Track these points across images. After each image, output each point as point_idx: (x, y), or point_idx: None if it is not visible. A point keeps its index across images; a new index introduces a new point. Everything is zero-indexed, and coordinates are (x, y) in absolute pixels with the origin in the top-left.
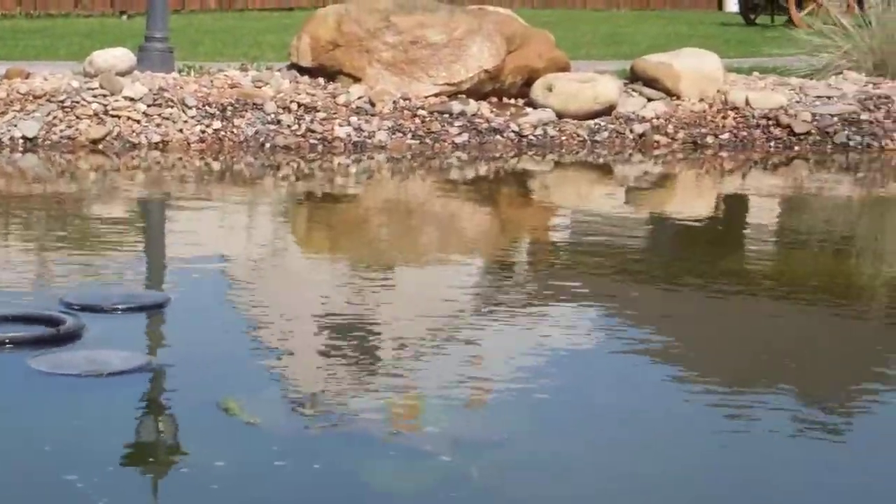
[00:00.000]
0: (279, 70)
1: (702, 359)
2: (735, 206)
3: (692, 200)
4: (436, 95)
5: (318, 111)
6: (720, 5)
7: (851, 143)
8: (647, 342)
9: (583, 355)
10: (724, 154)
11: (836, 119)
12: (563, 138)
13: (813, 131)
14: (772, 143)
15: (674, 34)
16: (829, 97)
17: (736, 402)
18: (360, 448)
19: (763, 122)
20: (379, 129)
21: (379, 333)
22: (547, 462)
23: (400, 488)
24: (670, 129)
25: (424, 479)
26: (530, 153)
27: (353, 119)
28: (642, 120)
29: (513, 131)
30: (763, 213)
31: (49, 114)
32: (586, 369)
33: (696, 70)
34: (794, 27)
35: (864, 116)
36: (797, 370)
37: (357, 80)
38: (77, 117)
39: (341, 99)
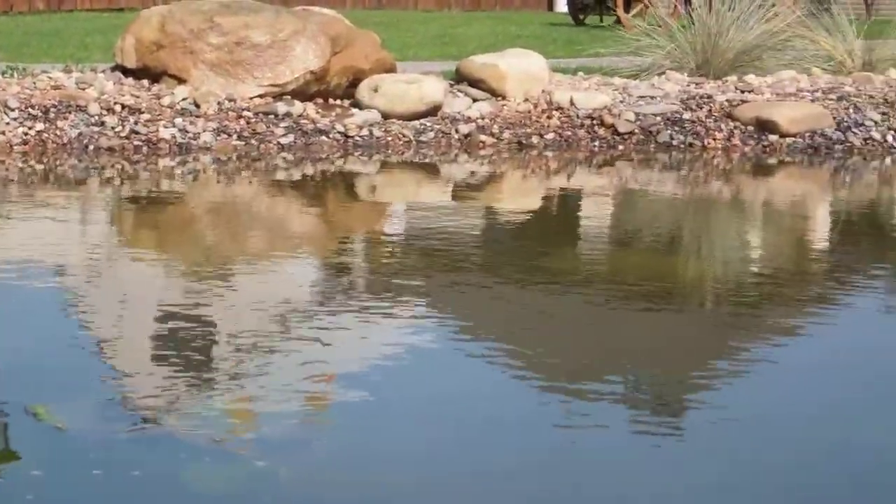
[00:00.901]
0: (103, 71)
1: (533, 356)
2: (561, 205)
3: (518, 200)
4: (261, 97)
5: (143, 113)
6: (550, 6)
7: (674, 142)
8: (477, 340)
9: (413, 355)
10: (548, 154)
11: (659, 118)
12: (389, 139)
13: (636, 131)
14: (596, 143)
15: (503, 34)
16: (652, 97)
17: (568, 397)
18: (177, 453)
19: (587, 121)
20: (204, 131)
21: (203, 336)
22: (364, 461)
23: (212, 490)
24: (496, 129)
25: (236, 482)
26: (356, 154)
27: (178, 120)
28: (468, 120)
29: (339, 132)
30: (588, 211)
31: None
32: (416, 369)
33: (522, 70)
34: (622, 28)
35: (686, 116)
36: (629, 365)
37: (182, 81)
38: None
39: (166, 100)
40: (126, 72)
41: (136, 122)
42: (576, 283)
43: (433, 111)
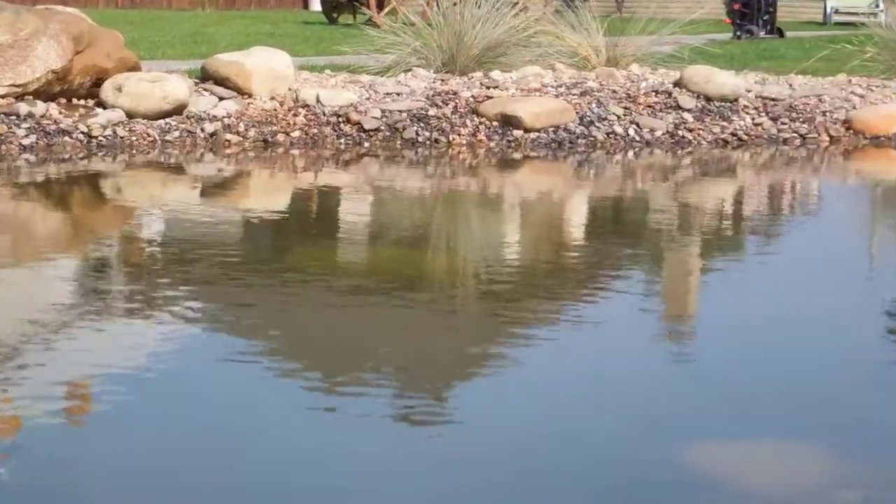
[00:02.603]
0: None
1: (293, 355)
2: (305, 203)
3: (262, 199)
4: (2, 97)
5: None
6: (306, 5)
7: (420, 139)
8: (239, 338)
9: (169, 358)
10: (295, 152)
11: (405, 115)
12: (134, 138)
13: (382, 127)
14: (342, 140)
15: (255, 34)
16: (398, 94)
17: (329, 394)
18: None
19: (333, 119)
20: None
21: None
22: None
23: None
24: (241, 127)
25: None
26: (100, 154)
27: None
28: (213, 119)
29: (82, 132)
30: (334, 209)
31: None
32: (170, 374)
33: (268, 68)
34: (375, 26)
35: (432, 112)
36: (389, 361)
37: None
38: None
39: None
40: None
41: None
42: (324, 280)
43: (178, 110)
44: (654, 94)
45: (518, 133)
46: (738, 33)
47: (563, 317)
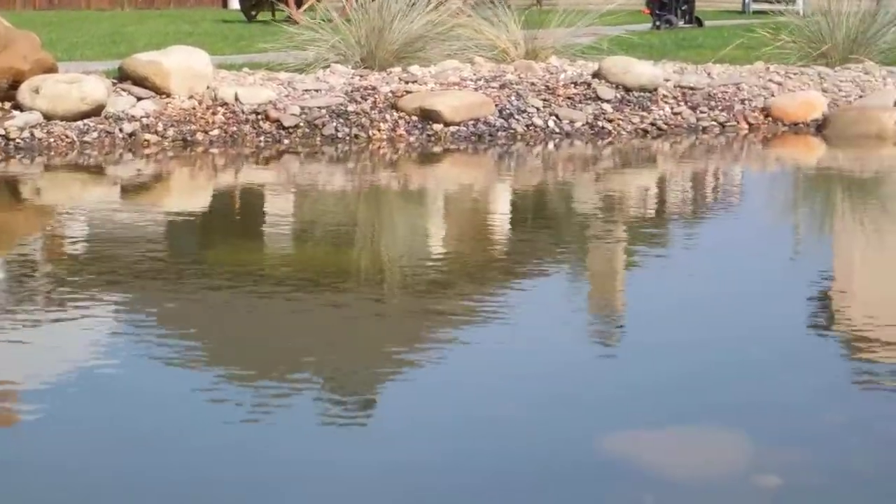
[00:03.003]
0: None
1: (213, 356)
2: (226, 201)
3: (182, 199)
4: None
5: None
6: (224, 3)
7: (340, 135)
8: (159, 341)
9: (83, 361)
10: (214, 150)
11: (324, 111)
12: (52, 140)
13: (302, 124)
14: (261, 138)
15: (175, 33)
16: (317, 90)
17: (252, 394)
18: None
19: (252, 117)
20: None
21: None
22: None
23: None
24: (160, 127)
25: None
26: (18, 157)
27: None
28: (132, 119)
29: None
30: (258, 207)
31: None
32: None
33: (186, 67)
34: (293, 23)
35: (351, 108)
36: (316, 362)
37: None
38: None
39: None
40: None
41: None
42: (246, 280)
43: (97, 111)
44: (573, 85)
45: (438, 127)
46: (658, 23)
47: (489, 308)
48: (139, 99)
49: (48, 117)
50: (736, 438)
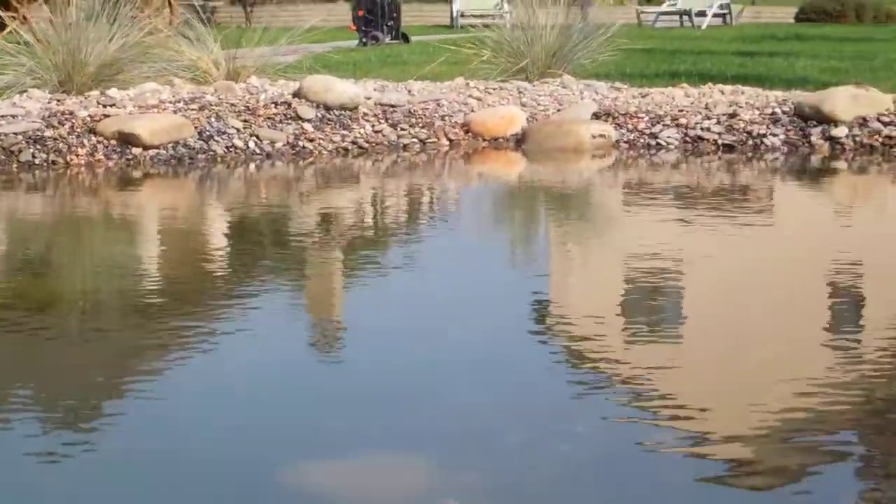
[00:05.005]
0: None
1: None
2: None
3: None
4: None
5: None
6: None
7: (37, 161)
8: None
9: None
10: None
11: (20, 137)
12: None
13: None
14: None
15: None
16: (13, 116)
17: None
18: None
19: None
20: None
21: None
22: None
23: None
24: None
25: None
26: None
27: None
28: None
29: None
30: None
31: None
32: None
33: None
34: None
35: (48, 133)
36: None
37: None
38: None
39: None
40: None
41: None
42: None
43: None
44: (273, 105)
45: (137, 151)
46: (364, 40)
47: (199, 331)
48: None
49: None
50: (416, 462)
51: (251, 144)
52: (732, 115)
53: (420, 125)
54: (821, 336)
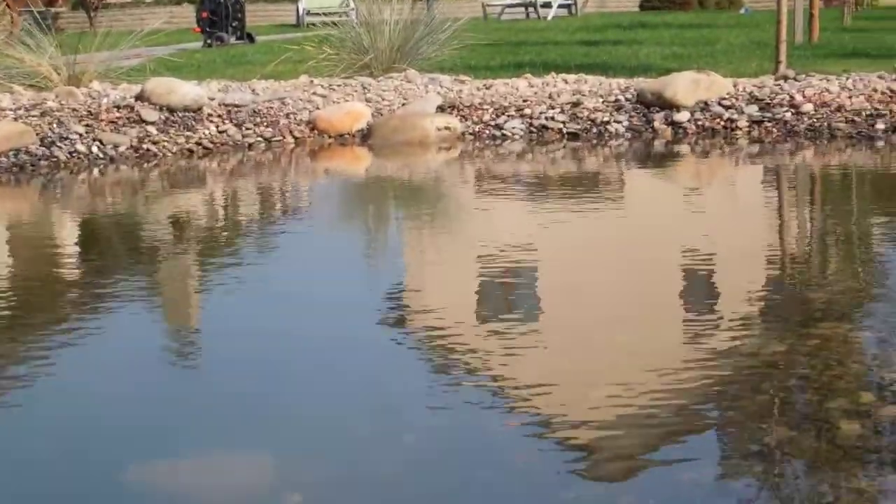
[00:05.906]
0: None
1: None
2: None
3: None
4: None
5: None
6: None
7: None
8: None
9: None
10: None
11: None
12: None
13: None
14: None
15: None
16: None
17: None
18: None
19: None
20: None
21: None
22: None
23: None
24: None
25: None
26: None
27: None
28: None
29: None
30: None
31: None
32: None
33: None
34: None
35: None
36: None
37: None
38: None
39: None
40: None
41: None
42: None
43: None
44: (116, 109)
45: None
46: (209, 41)
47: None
48: None
49: None
50: (260, 458)
51: (94, 149)
52: (576, 104)
53: (265, 124)
54: (671, 317)
